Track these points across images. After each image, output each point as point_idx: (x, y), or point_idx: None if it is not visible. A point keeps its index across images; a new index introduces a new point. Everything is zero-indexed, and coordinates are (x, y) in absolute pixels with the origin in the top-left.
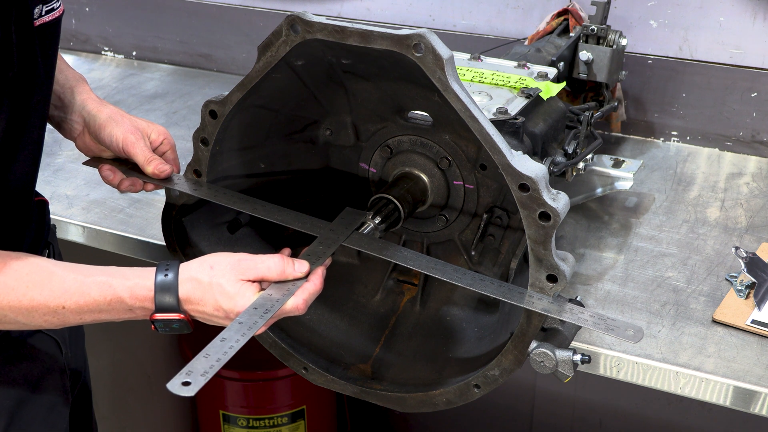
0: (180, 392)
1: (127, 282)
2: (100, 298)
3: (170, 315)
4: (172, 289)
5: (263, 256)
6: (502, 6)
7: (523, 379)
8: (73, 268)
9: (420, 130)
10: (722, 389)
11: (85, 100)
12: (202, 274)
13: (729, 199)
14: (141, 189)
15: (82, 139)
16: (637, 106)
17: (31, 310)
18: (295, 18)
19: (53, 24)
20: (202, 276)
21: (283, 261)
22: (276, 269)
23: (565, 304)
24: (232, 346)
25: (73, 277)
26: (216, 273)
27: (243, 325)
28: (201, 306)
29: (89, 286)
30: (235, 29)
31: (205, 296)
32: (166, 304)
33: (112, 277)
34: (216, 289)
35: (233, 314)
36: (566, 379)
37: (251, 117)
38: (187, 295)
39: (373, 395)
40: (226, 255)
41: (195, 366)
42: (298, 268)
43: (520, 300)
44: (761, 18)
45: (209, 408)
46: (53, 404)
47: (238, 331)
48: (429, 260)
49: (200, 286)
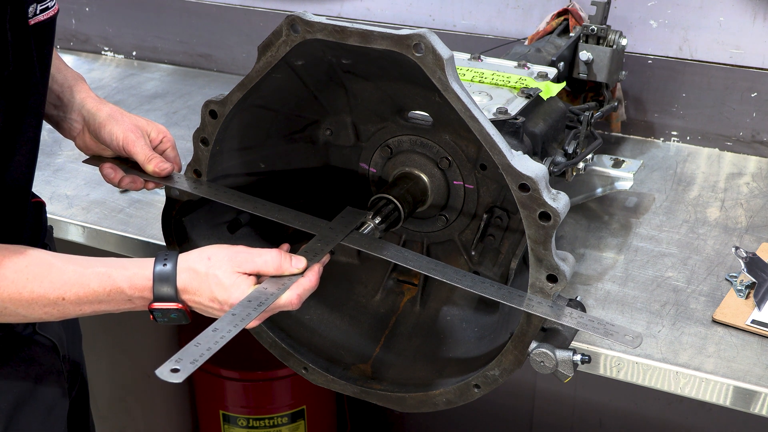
0: (168, 378)
1: (126, 272)
2: (99, 288)
3: (168, 304)
4: (171, 278)
5: (261, 250)
6: (502, 6)
7: (523, 379)
8: (72, 259)
9: (420, 130)
10: (722, 389)
11: (85, 99)
12: (200, 264)
13: (729, 199)
14: (142, 187)
15: (82, 138)
16: (637, 106)
17: (31, 302)
18: (295, 18)
19: (48, 23)
20: (200, 267)
21: (280, 256)
22: (273, 263)
23: (564, 309)
24: (223, 336)
25: (72, 268)
26: (213, 264)
27: (236, 316)
28: (197, 296)
29: (88, 277)
30: (235, 29)
31: (201, 286)
32: (164, 294)
33: (111, 268)
34: (212, 280)
35: (227, 306)
36: (566, 379)
37: (251, 117)
38: (185, 284)
39: (373, 395)
40: (224, 247)
41: (185, 353)
42: (294, 264)
43: (519, 303)
44: (761, 18)
45: (209, 408)
46: (51, 406)
47: (231, 323)
48: (429, 261)
49: (197, 277)
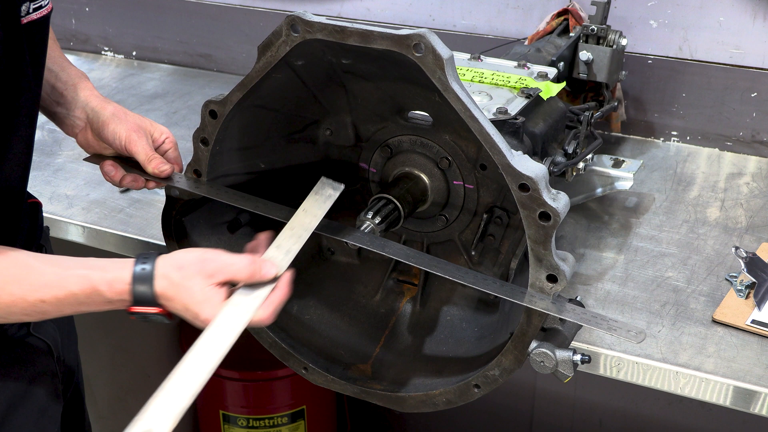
0: None
1: (106, 275)
2: (78, 291)
3: (147, 309)
4: (148, 283)
5: (233, 257)
6: (502, 6)
7: (523, 379)
8: (52, 260)
9: (420, 130)
10: (722, 389)
11: (89, 97)
12: (173, 273)
13: (729, 199)
14: (143, 186)
15: (84, 136)
16: (637, 106)
17: (10, 304)
18: (295, 18)
19: (41, 22)
20: (173, 275)
21: (252, 264)
22: (245, 271)
23: (565, 304)
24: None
25: (51, 270)
26: (185, 275)
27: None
28: (173, 303)
29: (68, 280)
30: (235, 29)
31: (175, 295)
32: (142, 298)
33: (91, 270)
34: (184, 292)
35: (198, 321)
36: (566, 379)
37: (251, 117)
38: (162, 290)
39: (373, 395)
40: (196, 255)
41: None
42: (266, 271)
43: (521, 298)
44: (761, 18)
45: (209, 408)
46: (45, 408)
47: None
48: (431, 258)
49: (172, 285)
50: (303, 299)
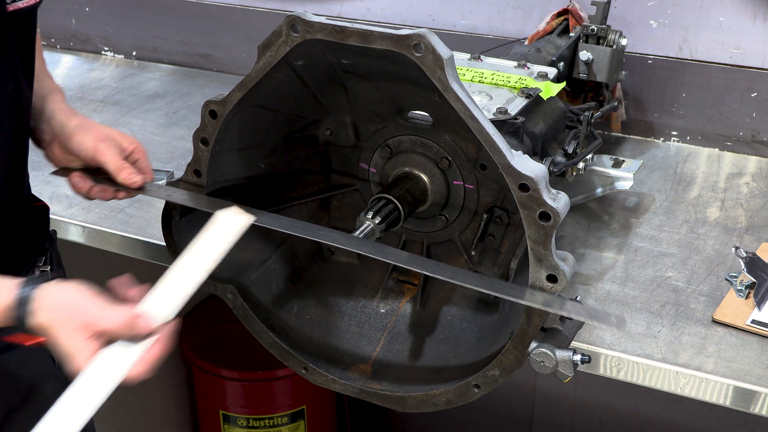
0: None
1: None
2: None
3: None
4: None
5: (106, 309)
6: (502, 6)
7: (523, 379)
8: None
9: (420, 130)
10: (722, 389)
11: (55, 110)
12: (43, 315)
13: (729, 199)
14: (112, 197)
15: (51, 150)
16: (637, 106)
17: None
18: (295, 18)
19: (28, 12)
20: (43, 318)
21: (125, 318)
22: (118, 326)
23: (565, 302)
24: None
25: None
26: (55, 320)
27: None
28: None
29: None
30: (235, 29)
31: (48, 336)
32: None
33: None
34: (53, 340)
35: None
36: (566, 379)
37: (251, 117)
38: (37, 323)
39: (373, 395)
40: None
41: None
42: (141, 328)
43: (520, 295)
44: (761, 18)
45: (209, 408)
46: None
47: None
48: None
49: (42, 328)
50: (303, 299)
